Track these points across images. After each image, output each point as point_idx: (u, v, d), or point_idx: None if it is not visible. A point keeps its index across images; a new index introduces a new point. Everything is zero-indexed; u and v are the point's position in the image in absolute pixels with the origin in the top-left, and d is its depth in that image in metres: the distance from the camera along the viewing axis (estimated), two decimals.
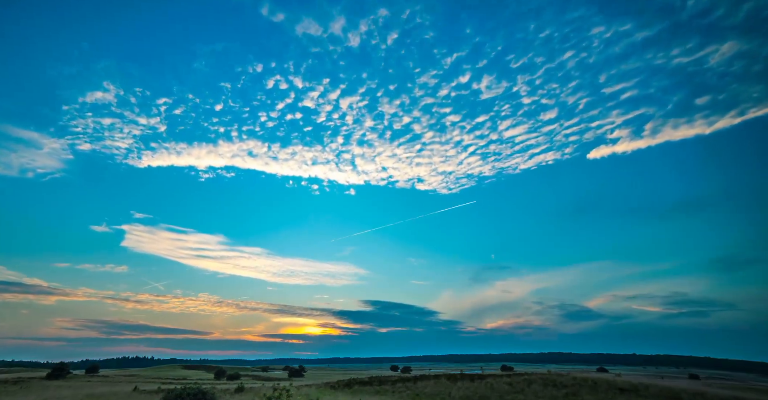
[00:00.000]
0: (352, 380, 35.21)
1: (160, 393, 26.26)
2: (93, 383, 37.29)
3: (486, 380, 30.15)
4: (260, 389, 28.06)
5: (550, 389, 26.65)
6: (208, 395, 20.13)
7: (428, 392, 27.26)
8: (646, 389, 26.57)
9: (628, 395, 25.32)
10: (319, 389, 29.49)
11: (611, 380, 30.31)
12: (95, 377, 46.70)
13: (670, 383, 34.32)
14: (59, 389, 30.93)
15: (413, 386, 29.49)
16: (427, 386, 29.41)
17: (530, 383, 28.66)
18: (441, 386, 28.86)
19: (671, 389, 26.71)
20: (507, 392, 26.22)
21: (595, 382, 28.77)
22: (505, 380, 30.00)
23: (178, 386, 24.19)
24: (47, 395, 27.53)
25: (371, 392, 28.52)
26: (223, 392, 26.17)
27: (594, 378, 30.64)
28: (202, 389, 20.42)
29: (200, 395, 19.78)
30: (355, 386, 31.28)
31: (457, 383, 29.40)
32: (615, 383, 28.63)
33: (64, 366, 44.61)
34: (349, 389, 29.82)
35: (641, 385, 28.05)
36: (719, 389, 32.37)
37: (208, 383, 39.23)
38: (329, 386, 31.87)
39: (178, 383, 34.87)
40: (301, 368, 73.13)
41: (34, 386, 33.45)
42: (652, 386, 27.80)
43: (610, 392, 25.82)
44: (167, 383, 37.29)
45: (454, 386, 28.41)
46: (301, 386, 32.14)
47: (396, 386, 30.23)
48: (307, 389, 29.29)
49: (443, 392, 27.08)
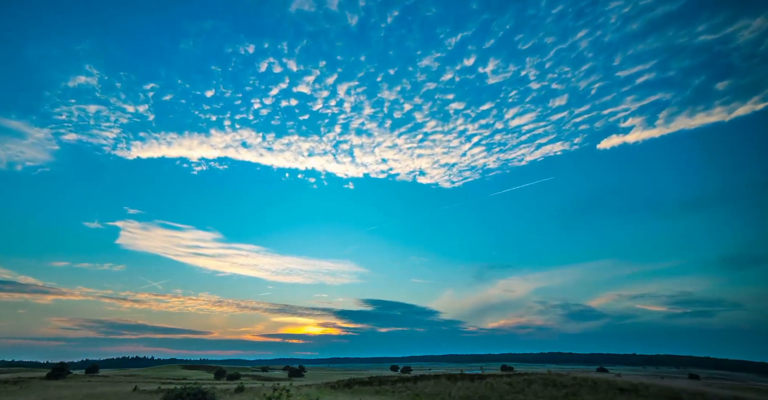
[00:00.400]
0: (352, 380, 35.23)
1: (160, 393, 26.27)
2: (93, 383, 37.30)
3: (486, 380, 30.15)
4: (260, 389, 28.07)
5: (550, 389, 26.65)
6: (208, 395, 20.14)
7: (428, 392, 27.26)
8: (646, 389, 26.56)
9: (628, 395, 25.31)
10: (319, 389, 29.49)
11: (611, 380, 30.31)
12: (95, 377, 46.70)
13: (670, 383, 34.31)
14: (59, 389, 30.94)
15: (413, 386, 29.50)
16: (427, 386, 29.41)
17: (530, 383, 28.66)
18: (441, 386, 28.86)
19: (671, 389, 26.70)
20: (507, 392, 26.21)
21: (595, 382, 28.76)
22: (505, 380, 30.00)
23: (178, 386, 24.19)
24: (47, 395, 27.54)
25: (371, 392, 28.53)
26: (223, 392, 26.19)
27: (594, 378, 30.64)
28: (202, 389, 20.43)
29: (200, 395, 19.79)
30: (355, 386, 31.28)
31: (457, 383, 29.40)
32: (615, 383, 28.63)
33: (64, 366, 44.60)
34: (349, 389, 29.82)
35: (641, 385, 28.05)
36: (719, 389, 32.35)
37: (208, 383, 39.24)
38: (329, 386, 31.88)
39: (178, 383, 34.88)
40: (301, 368, 73.11)
41: (34, 386, 33.45)
42: (652, 386, 27.79)
43: (610, 392, 25.82)
44: (167, 383, 37.31)
45: (454, 386, 28.41)
46: (301, 386, 32.15)
47: (396, 386, 30.24)
48: (307, 389, 29.30)
49: (443, 392, 27.08)
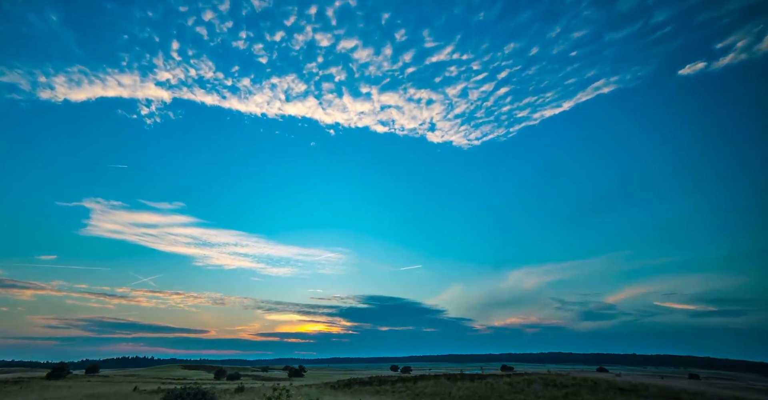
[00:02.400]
0: (352, 380, 35.23)
1: (160, 393, 26.27)
2: (93, 383, 37.28)
3: (486, 380, 30.14)
4: (260, 389, 28.07)
5: (550, 389, 26.64)
6: (208, 395, 20.12)
7: (428, 392, 27.26)
8: (646, 389, 26.55)
9: (628, 395, 25.31)
10: (319, 389, 29.49)
11: (611, 380, 30.31)
12: (95, 377, 46.68)
13: (670, 383, 34.28)
14: (59, 389, 30.94)
15: (413, 386, 29.49)
16: (427, 386, 29.41)
17: (530, 383, 28.65)
18: (441, 386, 28.85)
19: (671, 389, 26.70)
20: (507, 392, 26.21)
21: (595, 382, 28.76)
22: (505, 380, 29.99)
23: (178, 386, 24.18)
24: (47, 395, 27.53)
25: (371, 392, 28.52)
26: (223, 392, 26.19)
27: (594, 378, 30.63)
28: (202, 389, 20.41)
29: (200, 395, 19.77)
30: (355, 386, 31.28)
31: (457, 383, 29.40)
32: (615, 383, 28.63)
33: (64, 366, 44.57)
34: (349, 389, 29.82)
35: (641, 385, 28.04)
36: (719, 389, 32.33)
37: (208, 383, 39.24)
38: (329, 386, 31.87)
39: (178, 383, 34.88)
40: (301, 368, 73.11)
41: (34, 386, 33.44)
42: (652, 386, 27.79)
43: (610, 392, 25.81)
44: (167, 383, 37.30)
45: (454, 386, 28.40)
46: (301, 386, 32.15)
47: (396, 386, 30.23)
48: (307, 389, 29.30)
49: (443, 392, 27.07)
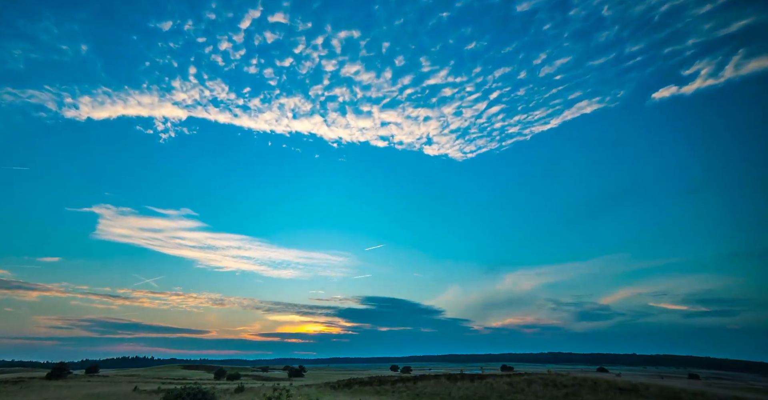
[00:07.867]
0: (352, 380, 35.22)
1: (160, 393, 26.28)
2: (93, 383, 37.29)
3: (486, 380, 30.14)
4: (260, 389, 28.08)
5: (550, 389, 26.64)
6: (208, 395, 20.14)
7: (428, 392, 27.25)
8: (646, 389, 26.56)
9: (628, 395, 25.31)
10: (319, 389, 29.49)
11: (611, 380, 30.31)
12: (95, 377, 46.68)
13: (670, 383, 34.29)
14: (59, 389, 30.95)
15: (413, 386, 29.48)
16: (427, 386, 29.40)
17: (530, 383, 28.65)
18: (441, 386, 28.85)
19: (671, 389, 26.71)
20: (507, 392, 26.21)
21: (595, 382, 28.76)
22: (505, 380, 29.99)
23: (178, 386, 24.19)
24: (47, 395, 27.55)
25: (371, 392, 28.52)
26: (223, 392, 26.20)
27: (594, 378, 30.63)
28: (202, 389, 20.43)
29: (200, 395, 19.79)
30: (355, 386, 31.28)
31: (457, 383, 29.39)
32: (615, 383, 28.63)
33: (64, 366, 44.60)
34: (349, 389, 29.82)
35: (641, 385, 28.05)
36: (719, 389, 32.34)
37: (208, 383, 39.23)
38: (329, 386, 31.87)
39: (178, 383, 34.87)
40: (301, 368, 73.08)
41: (35, 386, 33.45)
42: (652, 386, 27.79)
43: (610, 392, 25.82)
44: (167, 383, 37.30)
45: (454, 386, 28.40)
46: (301, 386, 32.16)
47: (396, 386, 30.23)
48: (307, 389, 29.30)
49: (443, 392, 27.07)
